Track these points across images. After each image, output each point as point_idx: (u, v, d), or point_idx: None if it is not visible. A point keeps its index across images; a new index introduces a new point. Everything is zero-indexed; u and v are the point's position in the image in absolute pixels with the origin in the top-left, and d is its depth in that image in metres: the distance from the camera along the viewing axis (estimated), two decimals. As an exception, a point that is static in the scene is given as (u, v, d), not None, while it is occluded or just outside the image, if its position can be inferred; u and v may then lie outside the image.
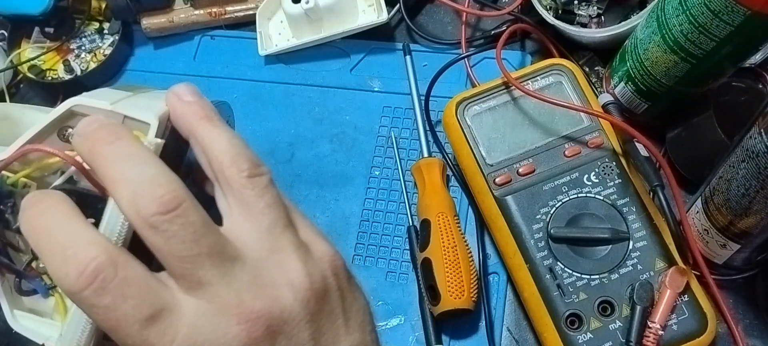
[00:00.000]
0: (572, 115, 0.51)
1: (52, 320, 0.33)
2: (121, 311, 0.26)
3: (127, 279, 0.26)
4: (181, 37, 0.68)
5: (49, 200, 0.29)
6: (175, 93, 0.32)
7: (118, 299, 0.26)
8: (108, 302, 0.26)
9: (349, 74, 0.64)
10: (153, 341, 0.26)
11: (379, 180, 0.59)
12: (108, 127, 0.29)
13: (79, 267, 0.26)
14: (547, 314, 0.46)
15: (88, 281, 0.26)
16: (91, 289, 0.26)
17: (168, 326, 0.27)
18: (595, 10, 0.57)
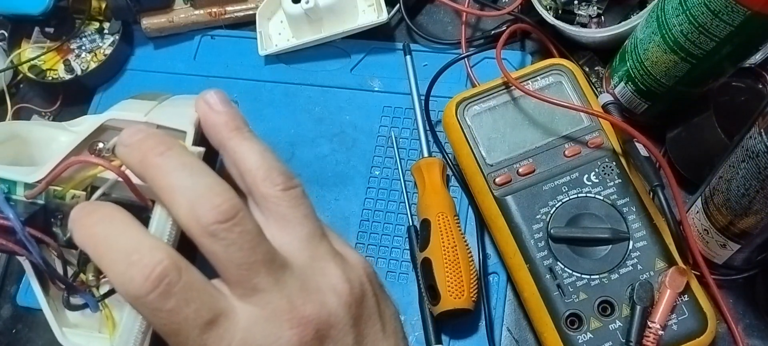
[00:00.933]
0: (572, 115, 0.51)
1: (101, 334, 0.33)
2: (184, 314, 0.27)
3: (190, 284, 0.27)
4: (182, 36, 0.68)
5: (104, 209, 0.29)
6: (205, 101, 0.32)
7: (181, 302, 0.27)
8: (172, 306, 0.26)
9: (349, 74, 0.64)
10: (211, 345, 0.27)
11: (379, 180, 0.59)
12: (156, 137, 0.30)
13: (144, 271, 0.26)
14: (547, 314, 0.46)
15: (154, 284, 0.26)
16: (156, 292, 0.26)
17: (225, 331, 0.28)
18: (595, 10, 0.57)
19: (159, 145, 0.29)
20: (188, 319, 0.27)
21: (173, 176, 0.28)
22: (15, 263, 0.60)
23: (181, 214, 0.28)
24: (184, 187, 0.28)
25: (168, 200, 0.28)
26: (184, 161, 0.29)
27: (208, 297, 0.28)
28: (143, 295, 0.26)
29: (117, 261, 0.27)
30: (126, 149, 0.30)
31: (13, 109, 0.65)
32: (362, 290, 0.32)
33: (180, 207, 0.28)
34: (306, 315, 0.29)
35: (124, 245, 0.27)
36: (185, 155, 0.29)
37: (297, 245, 0.30)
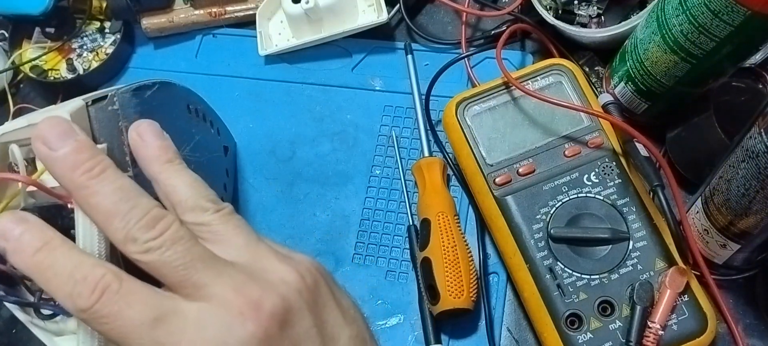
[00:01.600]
0: (572, 115, 0.51)
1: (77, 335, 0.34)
2: (128, 316, 0.28)
3: (130, 289, 0.29)
4: (183, 35, 0.68)
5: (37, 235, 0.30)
6: (137, 133, 0.34)
7: (123, 306, 0.28)
8: (116, 310, 0.28)
9: (350, 73, 0.64)
10: (163, 341, 0.28)
11: (380, 179, 0.59)
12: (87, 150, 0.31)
13: (89, 286, 0.28)
14: (547, 314, 0.46)
15: (97, 296, 0.28)
16: (100, 302, 0.28)
17: (175, 327, 0.28)
18: (595, 10, 0.57)
19: (93, 164, 0.30)
20: (133, 320, 0.28)
21: (109, 202, 0.30)
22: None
23: (118, 238, 0.29)
24: (120, 213, 0.29)
25: (103, 223, 0.30)
26: (116, 185, 0.30)
27: (150, 299, 0.29)
28: (89, 306, 0.28)
29: (63, 283, 0.29)
30: (53, 157, 0.30)
31: (15, 109, 0.65)
32: (313, 279, 0.32)
33: (116, 232, 0.29)
34: (257, 301, 0.29)
35: (68, 268, 0.29)
36: (118, 178, 0.31)
37: (235, 252, 0.31)
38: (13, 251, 0.30)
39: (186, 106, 0.49)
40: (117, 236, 0.30)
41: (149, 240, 0.29)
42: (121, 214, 0.29)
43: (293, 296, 0.30)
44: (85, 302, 0.28)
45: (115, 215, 0.29)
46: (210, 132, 0.54)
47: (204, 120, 0.52)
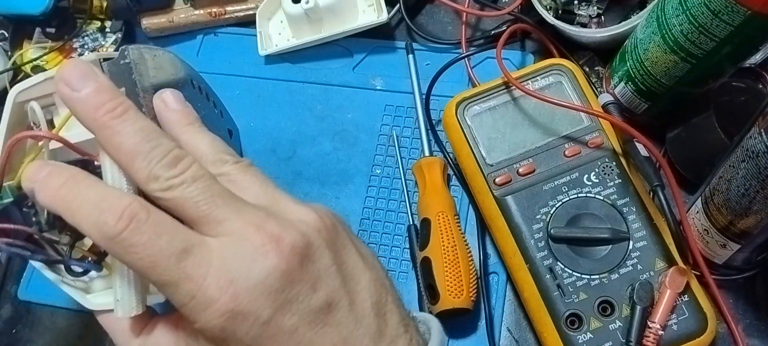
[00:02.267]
0: (572, 115, 0.51)
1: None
2: (157, 246, 0.29)
3: (158, 220, 0.29)
4: (184, 34, 0.68)
5: (65, 172, 0.31)
6: (162, 100, 0.36)
7: (153, 235, 0.29)
8: (145, 240, 0.29)
9: (351, 72, 0.64)
10: (190, 272, 0.29)
11: (380, 179, 0.59)
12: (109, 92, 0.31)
13: (115, 214, 0.29)
14: (547, 314, 0.46)
15: (126, 223, 0.28)
16: (128, 230, 0.28)
17: (202, 258, 0.29)
18: (595, 10, 0.57)
19: (115, 105, 0.31)
20: (162, 250, 0.28)
21: (131, 142, 0.30)
22: (15, 263, 0.60)
23: (140, 177, 0.30)
24: (143, 153, 0.30)
25: (126, 162, 0.30)
26: (138, 126, 0.31)
27: (178, 231, 0.29)
28: (117, 234, 0.28)
29: (89, 213, 0.29)
30: (75, 97, 0.31)
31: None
32: (331, 222, 0.33)
33: (139, 171, 0.30)
34: (278, 235, 0.30)
35: (93, 197, 0.30)
36: (139, 119, 0.31)
37: (253, 198, 0.32)
38: (39, 189, 0.31)
39: (191, 81, 0.50)
40: (139, 175, 0.30)
41: (171, 178, 0.30)
42: (143, 153, 0.30)
43: (312, 233, 0.31)
44: (112, 230, 0.28)
45: (138, 154, 0.30)
46: (214, 112, 0.54)
47: (207, 99, 0.53)
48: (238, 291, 0.29)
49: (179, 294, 0.29)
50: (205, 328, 0.29)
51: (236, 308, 0.29)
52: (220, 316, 0.29)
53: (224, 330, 0.29)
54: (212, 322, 0.29)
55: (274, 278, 0.29)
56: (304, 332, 0.30)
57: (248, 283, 0.29)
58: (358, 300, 0.32)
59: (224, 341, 0.29)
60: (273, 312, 0.29)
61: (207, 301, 0.29)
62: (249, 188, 0.33)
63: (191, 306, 0.29)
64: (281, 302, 0.29)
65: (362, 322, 0.31)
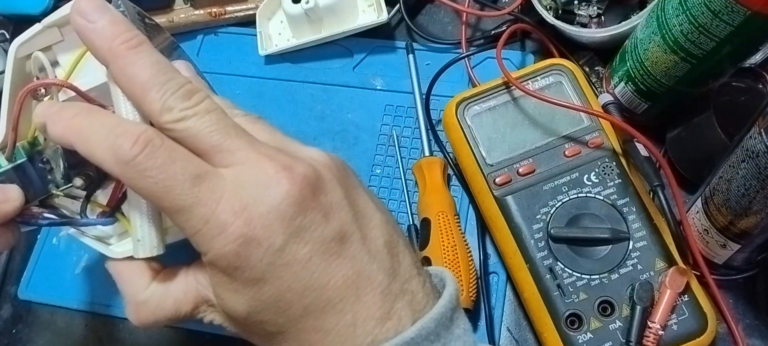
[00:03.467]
0: (572, 115, 0.51)
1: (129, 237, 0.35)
2: (172, 170, 0.29)
3: (172, 147, 0.30)
4: (185, 33, 0.68)
5: (77, 105, 0.32)
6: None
7: (167, 160, 0.29)
8: (160, 163, 0.29)
9: (351, 72, 0.64)
10: (204, 197, 0.29)
11: (380, 178, 0.59)
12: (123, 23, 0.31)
13: (131, 138, 0.29)
14: (547, 314, 0.46)
15: (141, 147, 0.29)
16: (144, 153, 0.29)
17: (215, 184, 0.29)
18: (595, 10, 0.57)
19: (131, 36, 0.31)
20: (176, 174, 0.29)
21: (147, 73, 0.30)
22: (15, 262, 0.60)
23: (154, 108, 0.30)
24: (158, 84, 0.30)
25: (140, 93, 0.30)
26: (153, 59, 0.31)
27: (191, 158, 0.30)
28: (132, 158, 0.28)
29: (104, 138, 0.30)
30: (91, 28, 0.31)
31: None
32: (343, 164, 0.33)
33: (153, 102, 0.30)
34: (290, 166, 0.30)
35: (108, 124, 0.30)
36: (154, 53, 0.31)
37: (265, 137, 0.32)
38: (52, 122, 0.31)
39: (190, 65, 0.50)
40: (154, 106, 0.30)
41: (185, 109, 0.30)
42: (158, 84, 0.30)
43: (323, 169, 0.31)
44: (127, 153, 0.28)
45: (153, 86, 0.30)
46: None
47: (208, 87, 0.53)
48: (251, 216, 0.29)
49: (192, 220, 0.29)
50: (219, 255, 0.29)
51: (250, 232, 0.29)
52: (233, 241, 0.29)
53: (238, 256, 0.29)
54: (226, 247, 0.29)
55: (287, 205, 0.29)
56: (318, 262, 0.29)
57: (262, 209, 0.29)
58: (371, 236, 0.32)
59: (238, 270, 0.29)
60: (286, 239, 0.29)
61: (220, 225, 0.29)
62: (259, 134, 0.33)
63: (204, 232, 0.29)
64: (294, 229, 0.29)
65: (376, 257, 0.31)
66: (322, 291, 0.30)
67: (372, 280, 0.30)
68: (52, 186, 0.35)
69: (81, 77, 0.34)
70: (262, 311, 0.30)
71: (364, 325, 0.30)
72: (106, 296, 0.56)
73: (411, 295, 0.31)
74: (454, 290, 0.33)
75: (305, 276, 0.29)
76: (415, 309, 0.31)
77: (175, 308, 0.33)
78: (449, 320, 0.31)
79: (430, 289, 0.33)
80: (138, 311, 0.34)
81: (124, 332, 0.56)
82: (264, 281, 0.29)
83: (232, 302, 0.30)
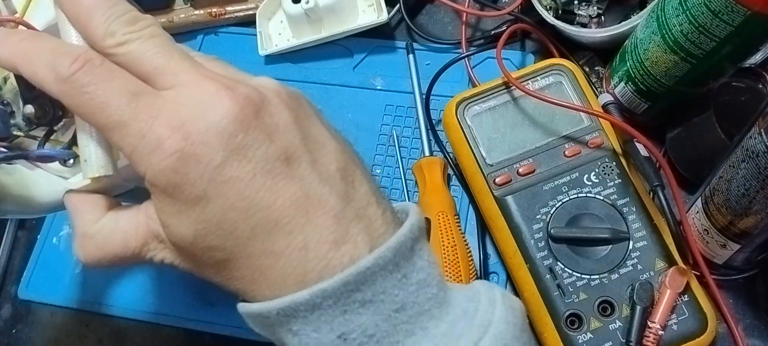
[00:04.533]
0: (572, 115, 0.51)
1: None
2: (109, 87, 0.29)
3: (111, 66, 0.30)
4: (185, 33, 0.68)
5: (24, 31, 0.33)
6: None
7: (105, 78, 0.29)
8: (97, 80, 0.29)
9: (351, 72, 0.64)
10: (140, 114, 0.29)
11: (380, 178, 0.59)
12: None
13: (71, 57, 0.29)
14: (547, 314, 0.46)
15: (80, 64, 0.29)
16: (82, 70, 0.29)
17: (154, 100, 0.29)
18: (595, 10, 0.57)
19: None
20: (113, 91, 0.29)
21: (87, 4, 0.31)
22: (15, 262, 0.60)
23: (98, 33, 0.30)
24: (102, 9, 0.30)
25: (84, 18, 0.31)
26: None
27: (130, 77, 0.30)
28: (70, 75, 0.29)
29: (45, 58, 0.30)
30: None
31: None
32: (295, 94, 0.32)
33: (97, 27, 0.30)
34: (232, 85, 0.30)
35: (50, 46, 0.31)
36: None
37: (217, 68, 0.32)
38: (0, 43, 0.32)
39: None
40: (97, 31, 0.30)
41: (128, 33, 0.30)
42: (102, 9, 0.30)
43: (270, 93, 0.31)
44: (65, 71, 0.29)
45: (97, 10, 0.30)
46: None
47: None
48: (189, 132, 0.28)
49: (129, 136, 0.29)
50: (156, 172, 0.29)
51: (187, 148, 0.28)
52: (170, 155, 0.28)
53: (176, 172, 0.28)
54: (163, 162, 0.28)
55: (227, 122, 0.28)
56: (262, 181, 0.29)
57: (200, 125, 0.28)
58: (322, 161, 0.31)
59: (177, 187, 0.29)
60: (226, 156, 0.28)
61: (157, 140, 0.28)
62: (211, 65, 0.32)
63: (141, 148, 0.29)
64: (235, 146, 0.28)
65: (328, 181, 0.30)
66: (269, 211, 0.29)
67: (323, 203, 0.29)
68: (15, 129, 0.36)
69: (36, 15, 0.35)
70: (207, 235, 0.29)
71: (316, 248, 0.29)
72: (107, 296, 0.56)
73: (368, 220, 0.30)
74: (417, 220, 0.31)
75: (249, 194, 0.28)
76: (372, 236, 0.30)
77: (124, 242, 0.32)
78: (410, 250, 0.30)
79: (392, 218, 0.31)
80: (84, 244, 0.33)
81: (124, 332, 0.56)
82: (207, 199, 0.29)
83: (176, 226, 0.30)
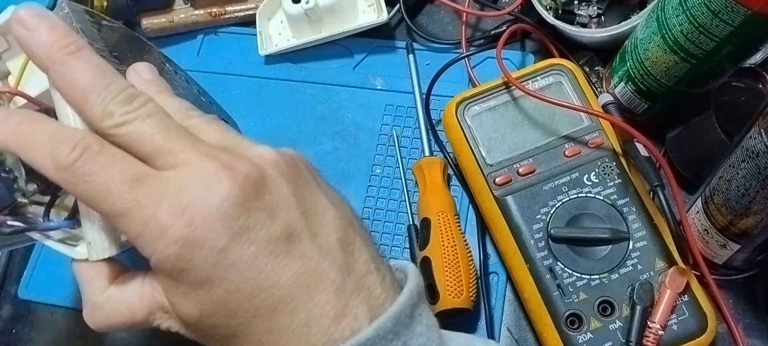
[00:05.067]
0: (572, 115, 0.51)
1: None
2: (110, 175, 0.29)
3: (111, 151, 0.29)
4: (185, 33, 0.68)
5: (21, 113, 0.32)
6: (135, 71, 0.35)
7: (105, 165, 0.29)
8: (97, 168, 0.29)
9: (352, 72, 0.64)
10: (143, 200, 0.28)
11: (380, 178, 0.59)
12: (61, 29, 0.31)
13: (70, 144, 0.29)
14: (547, 314, 0.46)
15: (79, 152, 0.29)
16: (81, 159, 0.29)
17: (155, 186, 0.29)
18: (595, 10, 0.57)
19: (69, 42, 0.31)
20: (114, 178, 0.29)
21: (86, 78, 0.30)
22: (14, 262, 0.60)
23: (94, 113, 0.30)
24: (98, 89, 0.30)
25: (80, 99, 0.30)
26: (92, 63, 0.31)
27: (131, 162, 0.29)
28: (70, 163, 0.29)
29: (43, 144, 0.30)
30: (30, 36, 0.31)
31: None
32: (293, 161, 0.33)
33: (93, 107, 0.30)
34: (232, 164, 0.29)
35: (49, 130, 0.30)
36: (94, 57, 0.31)
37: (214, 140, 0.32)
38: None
39: (163, 63, 0.50)
40: (94, 112, 0.30)
41: (125, 113, 0.30)
42: (98, 89, 0.30)
43: (268, 166, 0.31)
44: (65, 159, 0.29)
45: (92, 91, 0.30)
46: (200, 100, 0.54)
47: (188, 83, 0.53)
48: (192, 217, 0.28)
49: (133, 223, 0.29)
50: (161, 258, 0.29)
51: (191, 234, 0.28)
52: (174, 242, 0.28)
53: (181, 259, 0.28)
54: (168, 249, 0.28)
55: (228, 204, 0.29)
56: (266, 262, 0.29)
57: (202, 209, 0.28)
58: (322, 233, 0.31)
59: (183, 272, 0.29)
60: (229, 239, 0.28)
61: (160, 228, 0.28)
62: (211, 134, 0.32)
63: (145, 235, 0.29)
64: (237, 229, 0.29)
65: (328, 254, 0.30)
66: (272, 290, 0.29)
67: (324, 278, 0.30)
68: (19, 194, 0.35)
69: (30, 81, 0.35)
70: (212, 314, 0.30)
71: (318, 324, 0.29)
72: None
73: (367, 291, 0.31)
74: (415, 285, 0.32)
75: (253, 276, 0.29)
76: (372, 306, 0.30)
77: (130, 313, 0.32)
78: (409, 317, 0.30)
79: (391, 284, 0.32)
80: (93, 313, 0.33)
81: (124, 333, 0.56)
82: (211, 282, 0.29)
83: (182, 306, 0.30)
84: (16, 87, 0.36)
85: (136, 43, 0.47)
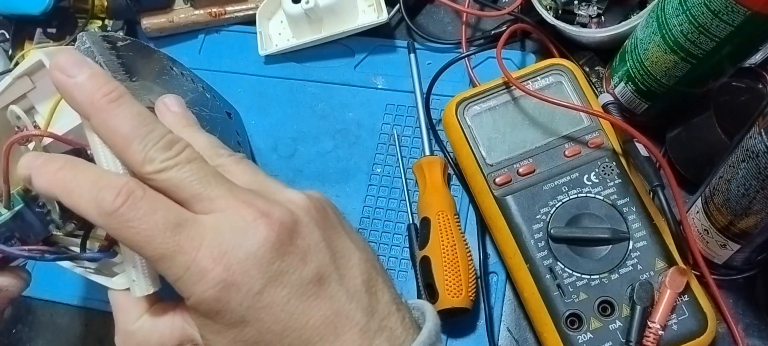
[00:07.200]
0: (572, 115, 0.51)
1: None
2: (153, 220, 0.30)
3: (154, 197, 0.30)
4: (185, 33, 0.68)
5: (62, 158, 0.33)
6: (164, 103, 0.37)
7: (148, 211, 0.30)
8: (141, 214, 0.30)
9: (352, 71, 0.64)
10: (184, 245, 0.30)
11: (381, 177, 0.59)
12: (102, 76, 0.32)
13: (114, 191, 0.30)
14: (547, 314, 0.46)
15: (123, 199, 0.30)
16: (126, 205, 0.30)
17: (195, 232, 0.30)
18: (595, 10, 0.57)
19: (111, 89, 0.31)
20: (157, 224, 0.30)
21: (128, 125, 0.31)
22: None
23: (136, 159, 0.31)
24: (139, 136, 0.31)
25: (121, 146, 0.31)
26: (134, 110, 0.32)
27: (172, 208, 0.30)
28: (114, 209, 0.30)
29: (87, 191, 0.30)
30: (72, 83, 0.32)
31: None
32: (321, 204, 0.34)
33: (135, 154, 0.31)
34: (267, 211, 0.31)
35: (91, 178, 0.31)
36: (135, 104, 0.32)
37: (246, 184, 0.33)
38: (37, 174, 0.32)
39: (170, 67, 0.50)
40: (136, 158, 0.31)
41: (166, 159, 0.31)
42: (139, 136, 0.31)
43: (301, 212, 0.32)
44: (110, 205, 0.30)
45: (134, 138, 0.31)
46: (206, 97, 0.54)
47: (193, 82, 0.53)
48: (230, 262, 0.30)
49: (174, 267, 0.30)
50: (200, 300, 0.30)
51: (229, 278, 0.29)
52: (213, 286, 0.29)
53: (218, 301, 0.30)
54: (206, 293, 0.30)
55: (265, 250, 0.30)
56: (297, 304, 0.30)
57: (240, 254, 0.30)
58: (349, 276, 0.32)
59: (219, 314, 0.30)
60: (265, 283, 0.30)
61: (200, 272, 0.29)
62: (241, 176, 0.34)
63: (186, 278, 0.30)
64: (272, 273, 0.30)
65: (354, 296, 0.32)
66: (302, 332, 0.31)
67: (350, 319, 0.31)
68: (53, 227, 0.36)
69: (59, 120, 0.35)
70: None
71: None
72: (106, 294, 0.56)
73: (389, 331, 0.32)
74: (433, 326, 0.33)
75: (284, 318, 0.30)
76: (394, 345, 0.32)
77: (160, 343, 0.34)
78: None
79: (410, 324, 0.34)
80: (125, 340, 0.35)
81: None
82: (245, 323, 0.30)
83: (215, 342, 0.31)
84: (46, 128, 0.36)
85: (144, 50, 0.47)
